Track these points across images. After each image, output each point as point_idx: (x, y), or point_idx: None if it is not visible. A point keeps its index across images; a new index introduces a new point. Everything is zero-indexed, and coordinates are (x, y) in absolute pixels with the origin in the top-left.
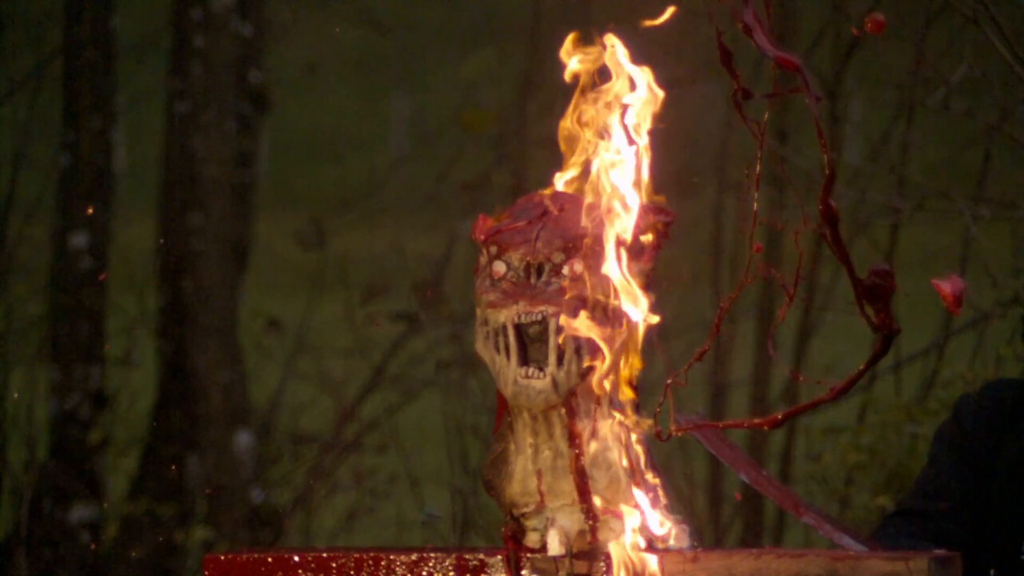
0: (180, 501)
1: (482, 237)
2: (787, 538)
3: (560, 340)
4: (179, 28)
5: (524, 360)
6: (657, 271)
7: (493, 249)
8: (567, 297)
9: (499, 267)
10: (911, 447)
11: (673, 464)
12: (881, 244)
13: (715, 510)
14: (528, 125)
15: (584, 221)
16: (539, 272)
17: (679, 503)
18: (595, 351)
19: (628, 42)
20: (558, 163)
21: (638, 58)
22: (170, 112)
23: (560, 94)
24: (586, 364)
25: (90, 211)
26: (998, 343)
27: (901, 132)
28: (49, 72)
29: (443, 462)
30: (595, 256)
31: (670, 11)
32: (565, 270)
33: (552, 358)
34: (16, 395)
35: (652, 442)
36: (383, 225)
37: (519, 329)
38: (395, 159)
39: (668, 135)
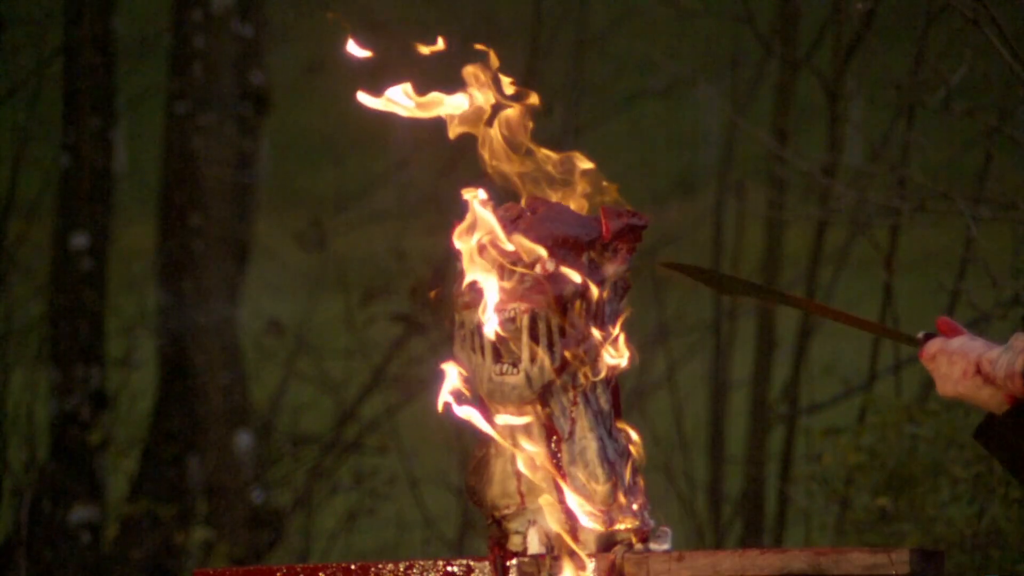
0: (180, 502)
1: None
2: (788, 536)
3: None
4: (179, 29)
5: (498, 358)
6: (631, 273)
7: None
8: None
9: None
10: (911, 448)
11: (673, 465)
12: (881, 244)
13: (715, 510)
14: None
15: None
16: (512, 271)
17: (679, 504)
18: (569, 346)
19: (630, 43)
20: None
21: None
22: (170, 113)
23: (560, 95)
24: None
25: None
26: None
27: (901, 133)
28: (49, 72)
29: (443, 462)
30: (568, 255)
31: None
32: (537, 268)
33: (525, 354)
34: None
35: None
36: (383, 226)
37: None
38: (395, 160)
39: (669, 136)
